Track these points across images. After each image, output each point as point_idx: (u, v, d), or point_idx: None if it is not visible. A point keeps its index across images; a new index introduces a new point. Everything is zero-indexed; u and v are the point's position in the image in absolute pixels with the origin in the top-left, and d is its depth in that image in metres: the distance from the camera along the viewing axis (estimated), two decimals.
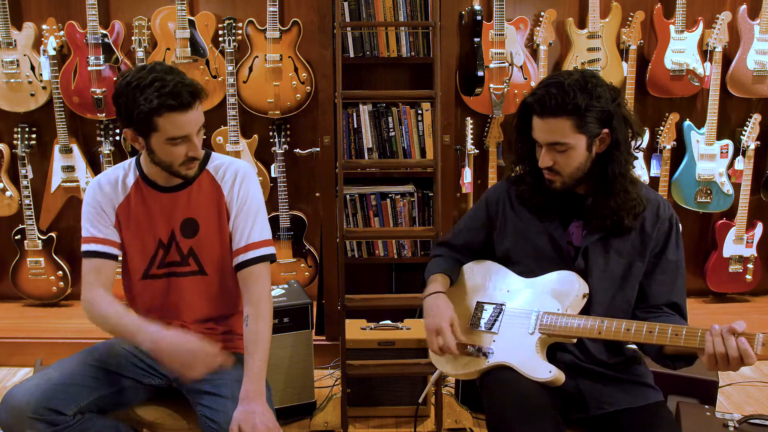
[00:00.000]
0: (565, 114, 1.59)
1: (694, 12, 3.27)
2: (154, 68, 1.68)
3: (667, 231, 1.70)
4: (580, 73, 1.63)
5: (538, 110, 1.63)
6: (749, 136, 3.32)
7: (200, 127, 1.75)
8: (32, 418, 1.59)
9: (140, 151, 1.79)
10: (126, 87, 1.67)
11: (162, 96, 1.63)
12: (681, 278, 1.72)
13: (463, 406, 2.64)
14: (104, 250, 1.83)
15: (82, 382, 1.70)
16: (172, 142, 1.71)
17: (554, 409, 1.58)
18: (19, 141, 3.28)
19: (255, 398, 1.67)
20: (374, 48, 2.99)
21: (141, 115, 1.65)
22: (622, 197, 1.66)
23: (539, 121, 1.64)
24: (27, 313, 3.45)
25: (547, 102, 1.60)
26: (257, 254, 1.83)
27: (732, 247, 3.43)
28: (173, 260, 1.85)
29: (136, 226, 1.85)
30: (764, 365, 3.18)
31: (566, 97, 1.58)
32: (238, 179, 1.86)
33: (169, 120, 1.66)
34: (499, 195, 1.86)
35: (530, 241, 1.77)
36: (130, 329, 1.71)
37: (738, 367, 1.41)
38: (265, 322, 1.79)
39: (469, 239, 1.92)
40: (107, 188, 1.85)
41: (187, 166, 1.78)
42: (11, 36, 3.21)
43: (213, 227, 1.85)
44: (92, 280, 1.81)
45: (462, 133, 3.21)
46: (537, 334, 1.66)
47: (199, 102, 1.71)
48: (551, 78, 1.65)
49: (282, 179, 3.27)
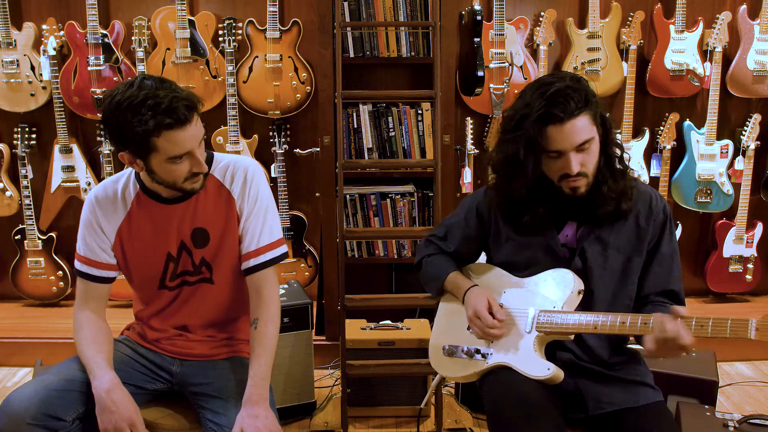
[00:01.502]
0: (585, 108, 1.56)
1: (694, 12, 3.27)
2: (143, 84, 1.56)
3: (662, 223, 1.71)
4: (564, 74, 1.63)
5: (560, 117, 1.54)
6: (749, 136, 3.32)
7: (201, 140, 1.65)
8: (31, 425, 1.56)
9: (139, 173, 1.71)
10: (116, 109, 1.55)
11: (157, 115, 1.53)
12: (676, 266, 1.74)
13: (463, 406, 2.64)
14: (97, 273, 1.79)
15: (81, 388, 1.67)
16: (173, 162, 1.61)
17: (555, 409, 1.58)
18: (19, 141, 3.28)
19: (258, 402, 1.66)
20: (374, 48, 2.99)
21: (137, 138, 1.55)
22: (621, 180, 1.66)
23: (560, 128, 1.55)
24: (27, 313, 3.45)
25: (569, 105, 1.54)
26: (268, 258, 1.79)
27: (732, 247, 3.43)
28: (185, 270, 1.81)
29: (140, 242, 1.79)
30: (764, 365, 3.18)
31: (580, 93, 1.56)
32: (247, 180, 1.79)
33: (168, 139, 1.56)
34: (490, 205, 1.81)
35: (525, 252, 1.75)
36: (87, 365, 1.69)
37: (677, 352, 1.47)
38: (274, 325, 1.77)
39: (462, 250, 1.90)
40: (106, 205, 1.78)
41: (192, 182, 1.69)
42: (11, 36, 3.21)
43: (224, 234, 1.79)
44: (81, 299, 1.81)
45: (462, 133, 3.21)
46: (534, 332, 1.66)
47: (196, 114, 1.61)
48: (550, 86, 1.57)
49: (282, 179, 3.27)
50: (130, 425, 1.61)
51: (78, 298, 1.82)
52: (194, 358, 1.85)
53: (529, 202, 1.69)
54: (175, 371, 1.84)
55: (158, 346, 1.86)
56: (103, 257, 1.79)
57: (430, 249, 1.95)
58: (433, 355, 1.87)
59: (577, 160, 1.58)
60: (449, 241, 1.91)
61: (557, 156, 1.59)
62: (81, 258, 1.80)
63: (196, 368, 1.83)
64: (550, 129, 1.56)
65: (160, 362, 1.85)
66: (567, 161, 1.58)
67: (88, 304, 1.80)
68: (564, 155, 1.58)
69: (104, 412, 1.61)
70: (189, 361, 1.85)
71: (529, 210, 1.70)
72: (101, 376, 1.65)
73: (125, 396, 1.64)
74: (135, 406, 1.65)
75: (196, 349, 1.86)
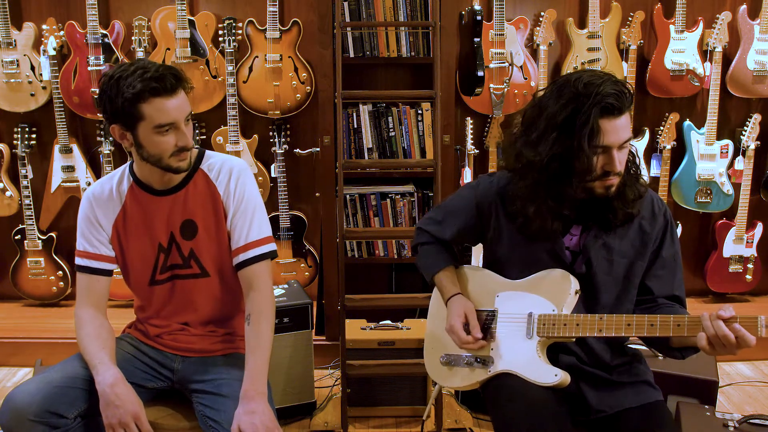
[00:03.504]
0: (630, 105, 1.54)
1: (694, 12, 3.27)
2: (136, 61, 1.68)
3: (664, 226, 1.69)
4: (592, 70, 1.60)
5: (618, 108, 1.50)
6: (749, 136, 3.32)
7: (187, 115, 1.71)
8: (33, 421, 1.58)
9: (129, 149, 1.75)
10: (110, 79, 1.65)
11: (145, 80, 1.61)
12: (679, 270, 1.72)
13: (463, 406, 2.64)
14: (97, 266, 1.82)
15: (83, 385, 1.68)
16: (159, 131, 1.66)
17: (564, 413, 1.57)
18: (19, 141, 3.28)
19: (255, 397, 1.66)
20: (374, 48, 2.99)
21: (126, 103, 1.62)
22: (637, 183, 1.64)
23: (614, 121, 1.50)
24: (27, 313, 3.45)
25: (625, 98, 1.50)
26: (257, 253, 1.81)
27: (732, 247, 3.43)
28: (175, 263, 1.84)
29: (135, 234, 1.82)
30: (764, 365, 3.18)
31: (628, 87, 1.53)
32: (233, 177, 1.82)
33: (154, 106, 1.63)
34: (492, 200, 1.76)
35: (527, 252, 1.71)
36: (90, 361, 1.70)
37: (735, 349, 1.42)
38: (267, 321, 1.78)
39: (458, 239, 1.87)
40: (101, 201, 1.82)
41: (178, 158, 1.72)
42: (11, 36, 3.21)
43: (211, 227, 1.82)
44: (83, 296, 1.82)
45: (462, 133, 3.21)
46: (536, 337, 1.63)
47: (183, 89, 1.68)
48: (595, 79, 1.52)
49: (282, 179, 3.27)
50: (135, 419, 1.63)
51: (79, 296, 1.83)
52: (195, 354, 1.86)
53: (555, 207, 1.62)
54: (177, 368, 1.85)
55: (160, 342, 1.87)
56: (102, 250, 1.82)
57: (425, 236, 1.91)
58: (429, 366, 1.85)
59: (619, 158, 1.54)
60: (445, 227, 1.87)
61: (602, 152, 1.53)
62: (80, 253, 1.82)
63: (196, 365, 1.84)
64: (603, 122, 1.50)
65: (162, 359, 1.86)
66: (611, 158, 1.53)
67: (89, 301, 1.81)
68: (609, 151, 1.53)
69: (109, 407, 1.62)
70: (190, 357, 1.86)
71: (560, 215, 1.63)
72: (104, 371, 1.66)
73: (129, 390, 1.66)
74: (139, 400, 1.66)
75: (197, 344, 1.87)
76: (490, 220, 1.77)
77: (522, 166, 1.64)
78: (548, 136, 1.56)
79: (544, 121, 1.58)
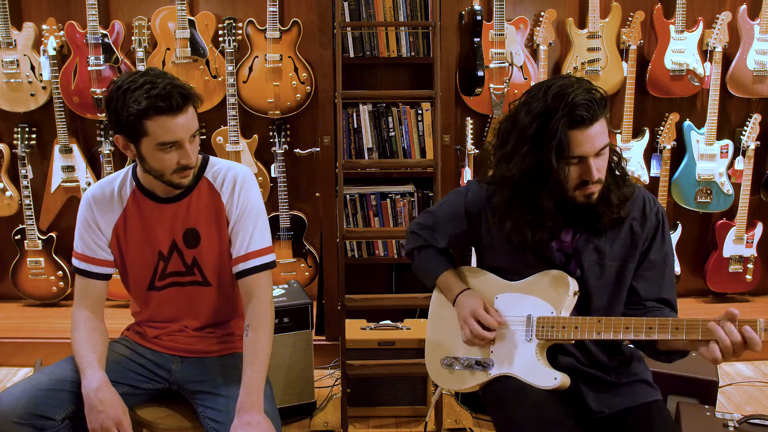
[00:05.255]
0: (604, 111, 1.51)
1: (694, 12, 3.27)
2: (146, 73, 1.63)
3: (655, 227, 1.66)
4: (568, 77, 1.57)
5: (588, 118, 1.47)
6: (749, 136, 3.32)
7: (193, 133, 1.67)
8: (18, 423, 1.57)
9: (133, 159, 1.73)
10: (117, 90, 1.62)
11: (151, 97, 1.57)
12: (669, 272, 1.69)
13: (463, 406, 2.64)
14: (94, 270, 1.81)
15: (71, 387, 1.67)
16: (162, 148, 1.64)
17: (568, 414, 1.57)
18: (19, 141, 3.28)
19: (251, 409, 1.64)
20: (374, 48, 2.99)
21: (130, 117, 1.59)
22: (623, 186, 1.62)
23: (586, 131, 1.48)
24: (27, 313, 3.45)
25: (593, 108, 1.47)
26: (258, 263, 1.79)
27: (732, 247, 3.43)
28: (176, 270, 1.82)
29: (135, 239, 1.81)
30: (764, 365, 3.18)
31: (600, 93, 1.51)
32: (237, 186, 1.80)
33: (159, 123, 1.60)
34: (481, 207, 1.74)
35: (519, 259, 1.69)
36: (79, 364, 1.70)
37: (741, 353, 1.40)
38: (265, 333, 1.76)
39: (452, 245, 1.86)
40: (102, 204, 1.80)
41: (180, 175, 1.70)
42: (11, 36, 3.20)
43: (213, 236, 1.81)
44: (80, 298, 1.82)
45: (462, 133, 3.21)
46: (535, 340, 1.63)
47: (191, 106, 1.64)
48: (566, 89, 1.49)
49: (282, 179, 3.27)
50: (117, 425, 1.62)
51: (76, 297, 1.83)
52: (193, 355, 1.86)
53: (549, 214, 1.60)
54: (174, 369, 1.85)
55: (158, 343, 1.87)
56: (101, 254, 1.81)
57: (419, 241, 1.90)
58: (430, 367, 1.85)
59: (596, 166, 1.52)
60: (437, 235, 1.85)
61: (577, 162, 1.52)
62: (78, 255, 1.81)
63: (194, 366, 1.84)
64: (574, 133, 1.48)
65: (159, 361, 1.85)
66: (588, 167, 1.52)
67: (85, 303, 1.81)
68: (584, 161, 1.52)
69: (92, 411, 1.62)
70: (188, 358, 1.85)
71: (541, 226, 1.61)
72: (91, 375, 1.66)
73: (113, 395, 1.65)
74: (123, 405, 1.65)
75: (196, 345, 1.86)
76: (481, 227, 1.76)
77: (497, 180, 1.64)
78: (520, 150, 1.55)
79: (516, 135, 1.57)
